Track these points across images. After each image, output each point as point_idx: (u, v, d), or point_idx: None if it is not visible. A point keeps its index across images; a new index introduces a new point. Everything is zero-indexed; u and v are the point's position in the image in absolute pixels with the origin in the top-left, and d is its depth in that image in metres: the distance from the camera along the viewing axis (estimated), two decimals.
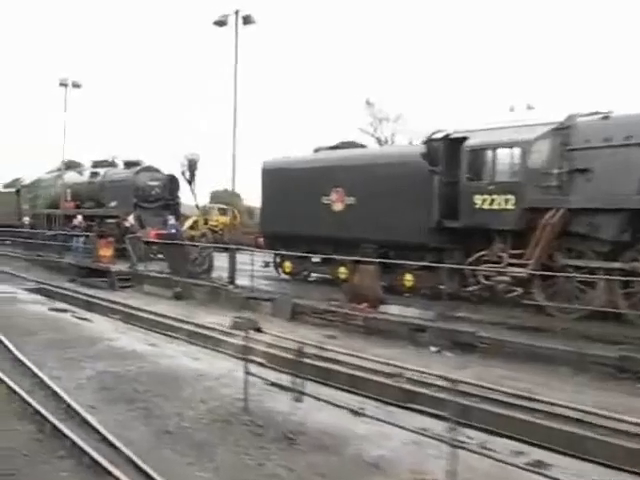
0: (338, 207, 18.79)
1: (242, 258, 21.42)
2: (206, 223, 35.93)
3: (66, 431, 8.48)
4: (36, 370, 11.33)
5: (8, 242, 38.73)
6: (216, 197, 52.69)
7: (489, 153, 15.82)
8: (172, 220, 25.34)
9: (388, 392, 11.60)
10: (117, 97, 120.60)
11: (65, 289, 23.30)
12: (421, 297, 17.29)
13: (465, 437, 9.27)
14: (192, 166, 36.16)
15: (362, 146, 21.84)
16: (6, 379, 10.80)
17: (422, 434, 8.38)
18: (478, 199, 15.67)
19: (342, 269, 18.71)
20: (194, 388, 10.69)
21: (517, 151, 15.30)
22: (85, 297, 21.49)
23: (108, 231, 27.27)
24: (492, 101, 56.76)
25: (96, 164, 35.58)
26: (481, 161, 15.94)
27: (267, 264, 21.18)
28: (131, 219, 25.19)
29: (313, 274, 20.76)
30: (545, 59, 71.48)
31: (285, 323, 16.65)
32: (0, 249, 36.45)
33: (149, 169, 29.00)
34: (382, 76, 75.62)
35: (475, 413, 10.18)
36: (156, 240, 23.25)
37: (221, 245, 22.00)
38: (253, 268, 19.62)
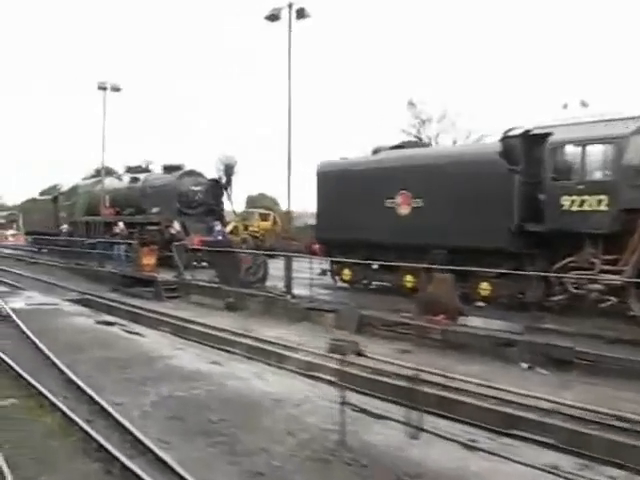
0: (404, 211, 17.43)
1: (294, 266, 20.29)
2: (246, 229, 34.83)
3: (139, 472, 7.27)
4: (94, 395, 10.15)
5: (45, 250, 38.01)
6: (252, 202, 51.73)
7: (577, 150, 14.41)
8: (219, 226, 24.25)
9: (487, 416, 10.26)
10: (151, 100, 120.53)
11: (109, 300, 22.24)
12: (497, 307, 15.82)
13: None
14: (229, 170, 35.18)
15: (425, 145, 20.47)
16: (62, 406, 9.65)
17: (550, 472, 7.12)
18: (566, 200, 14.25)
19: (408, 277, 17.35)
20: (274, 416, 9.41)
21: (611, 147, 13.88)
22: (131, 308, 20.38)
23: (150, 238, 26.14)
24: (537, 99, 54.97)
25: (130, 170, 34.76)
26: (568, 159, 14.53)
27: (324, 272, 19.86)
28: (177, 226, 24.06)
29: (374, 283, 19.36)
30: (587, 56, 69.53)
31: (352, 336, 15.33)
32: (38, 257, 35.68)
33: (192, 173, 27.90)
34: (425, 76, 74.19)
35: (602, 444, 8.85)
36: (206, 248, 22.01)
37: (278, 252, 20.59)
38: (312, 277, 18.41)
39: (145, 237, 27.00)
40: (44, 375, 11.53)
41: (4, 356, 12.68)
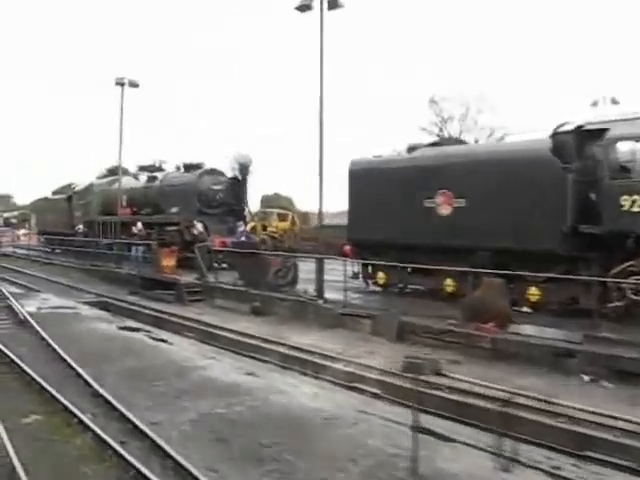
0: (444, 211, 16.43)
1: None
2: (264, 229, 33.91)
3: None
4: (126, 412, 9.20)
5: (58, 250, 37.16)
6: (267, 201, 50.82)
7: (638, 146, 13.38)
8: (242, 227, 23.32)
9: (558, 437, 9.30)
10: (162, 98, 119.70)
11: (129, 303, 21.35)
12: (545, 314, 14.81)
13: None
14: (244, 170, 34.20)
15: (461, 142, 19.46)
16: (92, 425, 8.71)
17: None
18: (626, 200, 13.24)
19: (448, 281, 16.36)
20: (330, 438, 8.45)
21: None
22: (153, 312, 19.49)
23: (169, 239, 25.24)
24: (561, 97, 53.95)
25: (143, 169, 33.91)
26: (629, 156, 13.51)
27: (356, 275, 18.88)
28: (199, 226, 23.13)
29: (409, 286, 18.38)
30: (613, 52, 68.37)
31: (391, 344, 14.40)
32: (53, 258, 34.83)
33: (212, 172, 26.96)
34: (446, 73, 73.08)
35: None
36: (231, 249, 21.06)
37: (307, 255, 19.59)
38: (342, 279, 17.48)
39: (164, 238, 26.10)
40: (69, 388, 10.64)
41: (24, 365, 11.81)
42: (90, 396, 10.30)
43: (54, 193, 40.09)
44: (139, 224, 26.55)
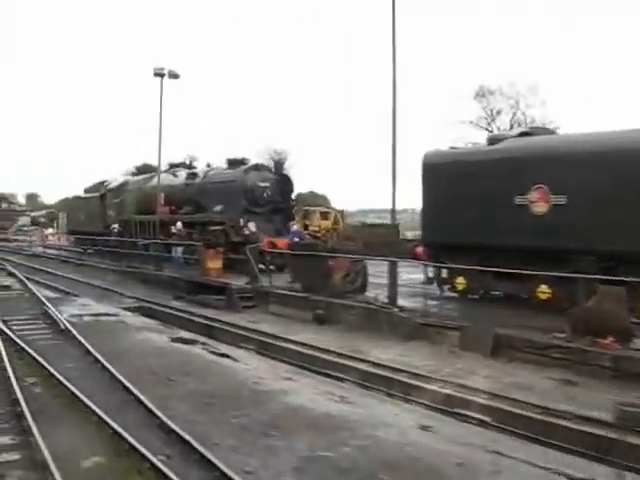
0: (539, 209, 14.52)
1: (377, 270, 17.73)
2: (306, 228, 32.19)
3: None
4: (208, 455, 7.38)
5: (91, 251, 35.64)
6: (303, 200, 49.10)
7: None
8: (295, 226, 21.54)
9: None
10: (198, 91, 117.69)
11: (175, 309, 19.68)
12: None
13: None
14: (279, 167, 32.36)
15: (552, 132, 17.48)
16: (168, 471, 6.90)
17: None
18: None
19: (543, 287, 14.41)
20: None
21: None
22: (204, 320, 17.81)
23: (213, 239, 23.50)
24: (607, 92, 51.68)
25: (173, 166, 32.35)
26: None
27: (429, 279, 17.01)
28: (252, 226, 21.34)
29: (491, 293, 16.47)
30: None
31: (487, 361, 12.52)
32: (85, 259, 33.31)
33: (258, 167, 25.21)
34: (493, 66, 70.81)
35: None
36: (291, 251, 19.28)
37: (380, 258, 17.62)
38: (411, 283, 15.69)
39: (206, 238, 24.39)
40: (131, 418, 8.87)
41: (74, 388, 10.06)
42: (158, 430, 8.53)
43: (86, 191, 38.59)
44: (179, 223, 24.84)
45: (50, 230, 60.23)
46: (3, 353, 12.47)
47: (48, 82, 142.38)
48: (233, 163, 25.85)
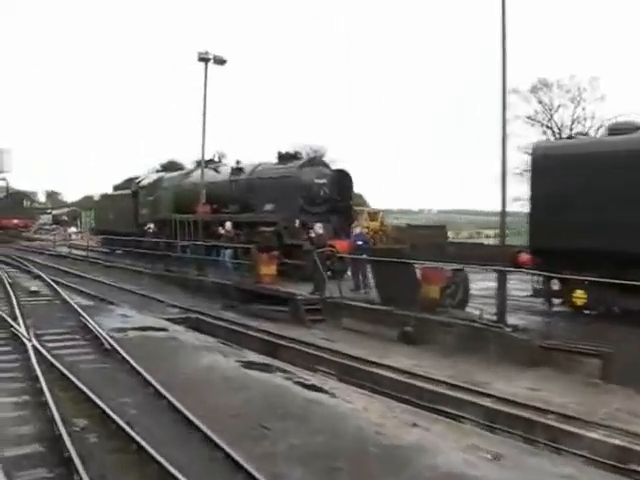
0: None
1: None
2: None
3: None
4: None
5: (119, 252, 33.17)
6: None
7: None
8: (358, 228, 18.98)
9: None
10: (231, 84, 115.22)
11: (228, 322, 17.20)
12: None
13: None
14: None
15: None
16: None
17: None
18: None
19: None
20: None
21: None
22: (267, 337, 15.27)
23: (263, 242, 20.93)
24: None
25: (199, 164, 29.77)
26: None
27: (538, 292, 14.37)
28: (318, 228, 18.73)
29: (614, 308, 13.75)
30: None
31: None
32: (115, 260, 30.82)
33: (314, 162, 22.60)
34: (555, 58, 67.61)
35: None
36: (375, 258, 16.61)
37: (490, 266, 14.82)
38: (528, 297, 13.08)
39: (255, 240, 21.84)
40: None
41: (143, 442, 7.51)
42: None
43: (115, 188, 36.16)
44: (228, 224, 22.29)
45: (73, 229, 58.07)
46: (42, 382, 10.04)
47: (67, 79, 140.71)
48: (284, 158, 23.26)
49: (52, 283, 22.81)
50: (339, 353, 13.42)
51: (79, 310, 16.92)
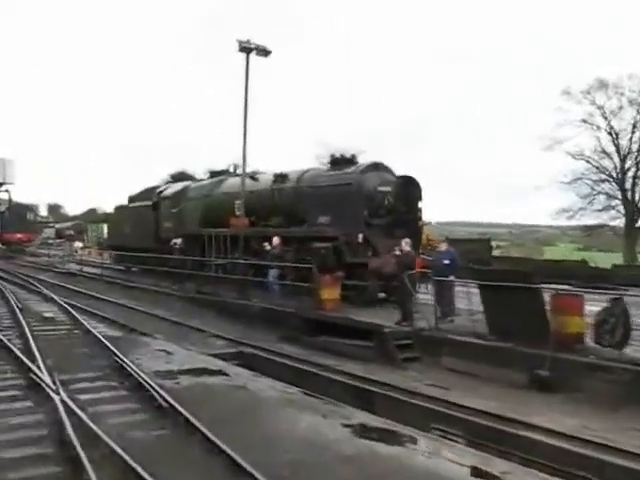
0: None
1: None
2: None
3: None
4: None
5: (135, 269, 29.84)
6: None
7: None
8: (444, 245, 15.83)
9: None
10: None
11: (295, 360, 14.03)
12: None
13: None
14: None
15: None
16: None
17: None
18: None
19: None
20: None
21: None
22: (355, 382, 11.98)
23: (319, 260, 17.79)
24: None
25: (214, 175, 26.84)
26: None
27: None
28: (406, 244, 15.49)
29: None
30: None
31: None
32: (134, 279, 27.52)
33: (377, 167, 19.37)
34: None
35: None
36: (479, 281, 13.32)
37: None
38: None
39: (307, 258, 18.71)
40: None
41: None
42: None
43: (131, 200, 32.88)
44: (276, 239, 19.07)
45: (79, 244, 54.87)
46: (87, 466, 6.88)
47: (67, 87, 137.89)
48: (339, 162, 20.08)
49: (68, 307, 19.74)
50: (460, 406, 10.21)
51: (107, 344, 13.81)
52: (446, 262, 15.37)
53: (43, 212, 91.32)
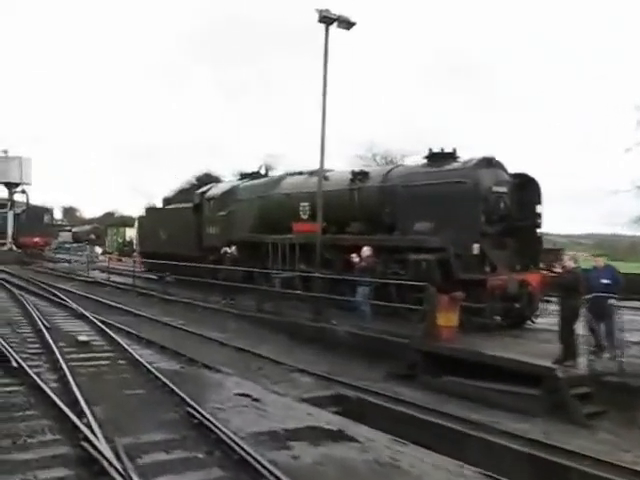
0: None
1: None
2: None
3: None
4: None
5: (169, 279, 26.16)
6: None
7: None
8: (601, 260, 12.32)
9: None
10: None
11: (423, 409, 10.54)
12: None
13: None
14: None
15: None
16: None
17: None
18: None
19: None
20: None
21: None
22: (524, 448, 8.49)
23: (418, 275, 14.30)
24: None
25: (244, 177, 24.07)
26: None
27: None
28: (569, 259, 11.95)
29: None
30: None
31: None
32: (172, 291, 23.91)
33: (490, 163, 15.75)
34: None
35: None
36: None
37: None
38: None
39: (397, 272, 15.19)
40: None
41: None
42: None
43: (166, 202, 29.31)
44: (367, 249, 15.44)
45: (98, 249, 51.58)
46: None
47: (80, 84, 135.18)
48: (438, 157, 16.51)
49: (103, 326, 16.45)
50: None
51: (168, 383, 10.41)
52: (605, 282, 11.85)
53: (57, 215, 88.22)
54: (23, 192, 45.08)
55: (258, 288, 18.40)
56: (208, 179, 50.96)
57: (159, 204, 32.23)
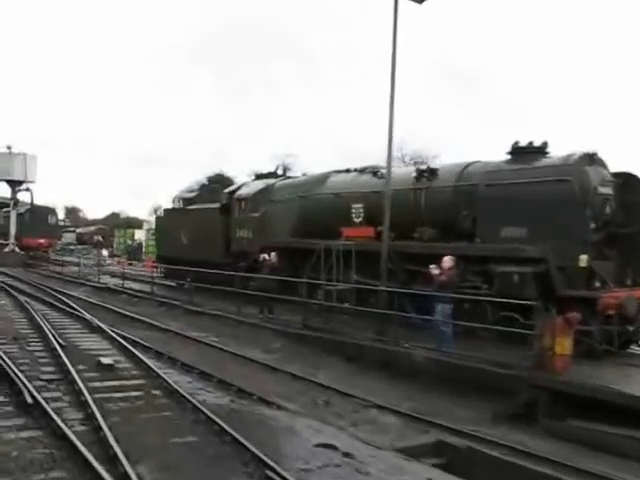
0: None
1: None
2: None
3: None
4: None
5: (187, 286, 23.56)
6: None
7: None
8: None
9: None
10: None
11: (557, 465, 7.97)
12: None
13: None
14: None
15: None
16: None
17: None
18: None
19: None
20: None
21: None
22: None
23: (512, 290, 11.85)
24: None
25: (260, 177, 21.04)
26: None
27: None
28: None
29: None
30: None
31: None
32: (197, 302, 21.38)
33: (593, 160, 13.29)
34: None
35: None
36: None
37: None
38: None
39: (479, 287, 12.80)
40: None
41: None
42: None
43: (186, 201, 26.80)
44: (448, 260, 12.93)
45: (105, 252, 49.21)
46: None
47: (86, 84, 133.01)
48: (523, 152, 14.09)
49: (125, 343, 14.19)
50: None
51: (227, 429, 8.39)
52: None
53: (60, 215, 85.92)
54: (28, 190, 42.62)
55: (307, 302, 15.87)
56: (220, 179, 48.59)
57: (163, 205, 30.13)
